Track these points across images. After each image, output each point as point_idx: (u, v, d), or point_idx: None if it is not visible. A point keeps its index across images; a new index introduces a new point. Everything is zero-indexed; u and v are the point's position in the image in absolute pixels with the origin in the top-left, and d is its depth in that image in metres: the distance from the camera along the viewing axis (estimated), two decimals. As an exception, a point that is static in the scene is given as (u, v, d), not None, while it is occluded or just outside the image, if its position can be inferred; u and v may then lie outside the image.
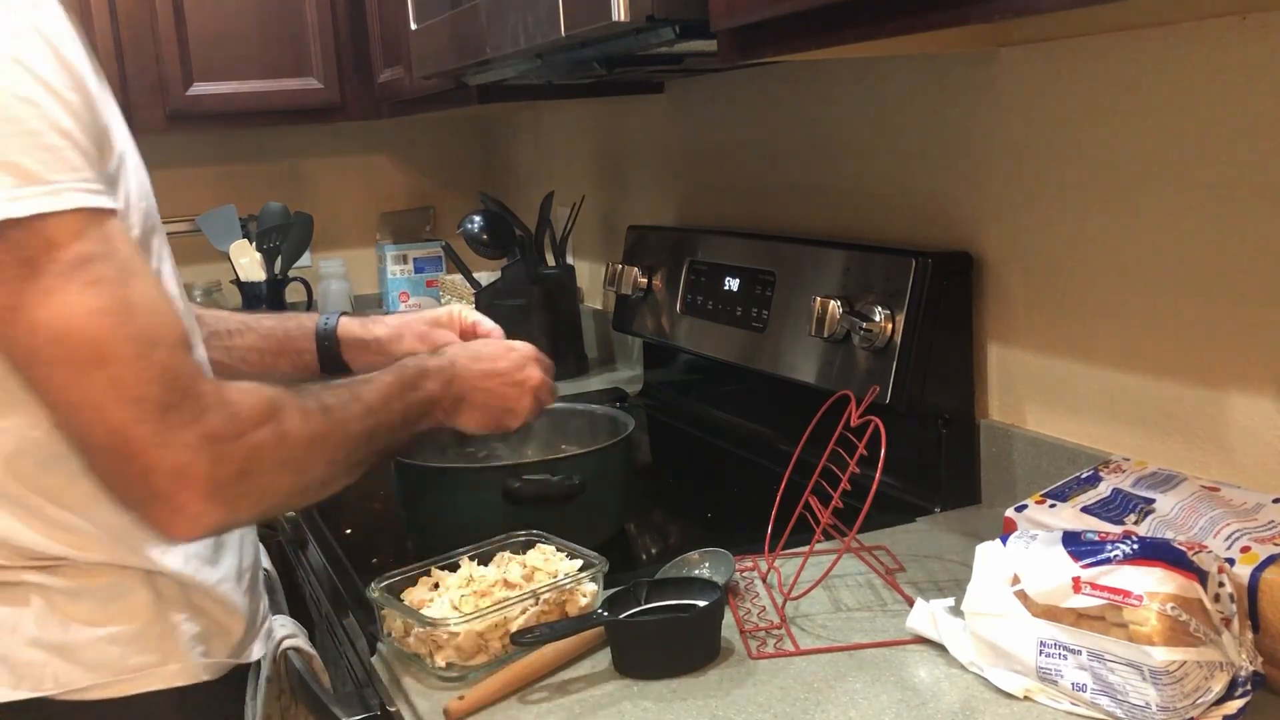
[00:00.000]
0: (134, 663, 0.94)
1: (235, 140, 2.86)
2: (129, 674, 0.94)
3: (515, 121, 2.94)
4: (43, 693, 0.91)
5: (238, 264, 2.67)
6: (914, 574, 1.20)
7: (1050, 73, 1.26)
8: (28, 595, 0.91)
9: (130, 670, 0.94)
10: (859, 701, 0.94)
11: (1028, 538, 0.94)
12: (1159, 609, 0.84)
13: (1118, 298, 1.22)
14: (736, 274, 1.71)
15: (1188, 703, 0.84)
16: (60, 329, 0.78)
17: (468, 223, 2.30)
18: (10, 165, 0.77)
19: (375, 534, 1.49)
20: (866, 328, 1.38)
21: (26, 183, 0.78)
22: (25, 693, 0.90)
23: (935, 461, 1.40)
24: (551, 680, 1.02)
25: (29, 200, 0.77)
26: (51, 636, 0.91)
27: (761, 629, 1.08)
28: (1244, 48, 1.05)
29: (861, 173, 1.59)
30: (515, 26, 1.36)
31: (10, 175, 0.77)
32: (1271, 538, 0.95)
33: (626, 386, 2.13)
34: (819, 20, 1.00)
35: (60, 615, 0.91)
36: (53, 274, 0.78)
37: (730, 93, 1.88)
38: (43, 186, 0.78)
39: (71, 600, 0.92)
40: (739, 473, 1.66)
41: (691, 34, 1.16)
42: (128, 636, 0.94)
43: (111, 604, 0.93)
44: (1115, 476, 1.12)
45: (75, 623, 0.92)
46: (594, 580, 1.12)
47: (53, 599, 0.91)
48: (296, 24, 2.53)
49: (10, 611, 0.90)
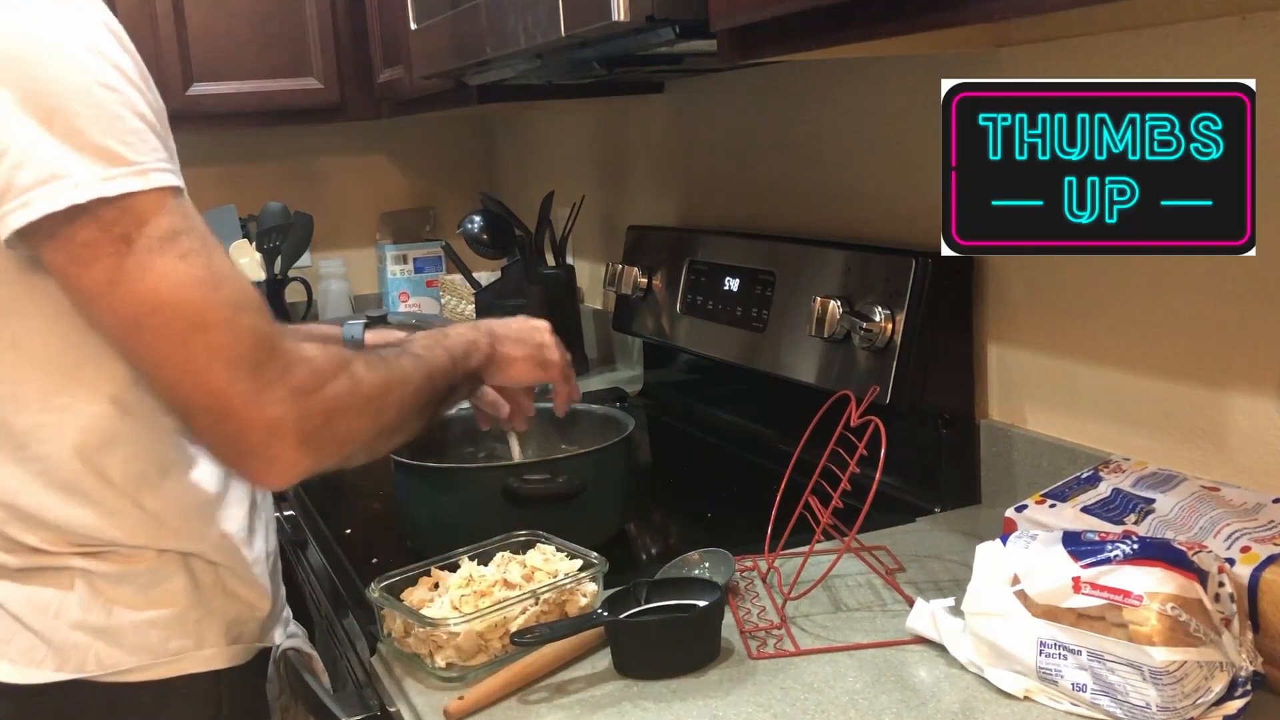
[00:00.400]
0: (173, 646, 0.98)
1: (235, 140, 2.86)
2: (168, 657, 0.98)
3: (515, 121, 2.94)
4: (85, 674, 0.95)
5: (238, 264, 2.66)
6: (914, 574, 1.20)
7: (1050, 73, 1.26)
8: (72, 579, 0.95)
9: (170, 654, 0.98)
10: (859, 701, 0.94)
11: (1028, 538, 0.94)
12: (1159, 609, 0.84)
13: (1118, 298, 1.22)
14: (736, 274, 1.71)
15: (1188, 703, 0.84)
16: (161, 299, 0.83)
17: (468, 223, 2.30)
18: (99, 148, 0.82)
19: (375, 534, 1.49)
20: (866, 328, 1.38)
21: (115, 164, 0.82)
22: (69, 674, 0.94)
23: (935, 461, 1.40)
24: (551, 680, 1.02)
25: (120, 180, 0.82)
26: (95, 620, 0.95)
27: (761, 629, 1.08)
28: (1244, 48, 1.05)
29: (862, 172, 1.59)
30: (515, 26, 1.36)
31: (100, 158, 0.82)
32: (1271, 538, 0.95)
33: (626, 386, 2.13)
34: (819, 20, 1.00)
35: (104, 599, 0.95)
36: (147, 249, 0.83)
37: (730, 93, 1.88)
38: (130, 167, 0.83)
39: (114, 585, 0.95)
40: (739, 473, 1.66)
41: (691, 34, 1.16)
42: (167, 620, 0.97)
43: (152, 589, 0.97)
44: (1115, 476, 1.12)
45: (118, 606, 0.95)
46: (594, 580, 1.12)
47: (95, 584, 0.95)
48: (296, 24, 2.53)
49: (55, 595, 0.94)
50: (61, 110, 0.82)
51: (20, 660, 0.94)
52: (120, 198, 0.82)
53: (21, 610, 0.94)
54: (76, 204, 0.81)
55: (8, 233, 0.82)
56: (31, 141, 0.81)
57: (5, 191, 0.81)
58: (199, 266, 0.84)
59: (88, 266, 0.82)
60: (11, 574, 0.95)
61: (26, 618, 0.94)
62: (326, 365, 0.90)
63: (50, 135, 0.81)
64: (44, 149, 0.81)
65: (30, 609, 0.94)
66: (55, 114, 0.81)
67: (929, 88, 1.43)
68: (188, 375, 0.84)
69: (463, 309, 2.63)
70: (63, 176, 0.81)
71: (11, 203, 0.81)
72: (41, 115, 0.81)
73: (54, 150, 0.81)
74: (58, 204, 0.80)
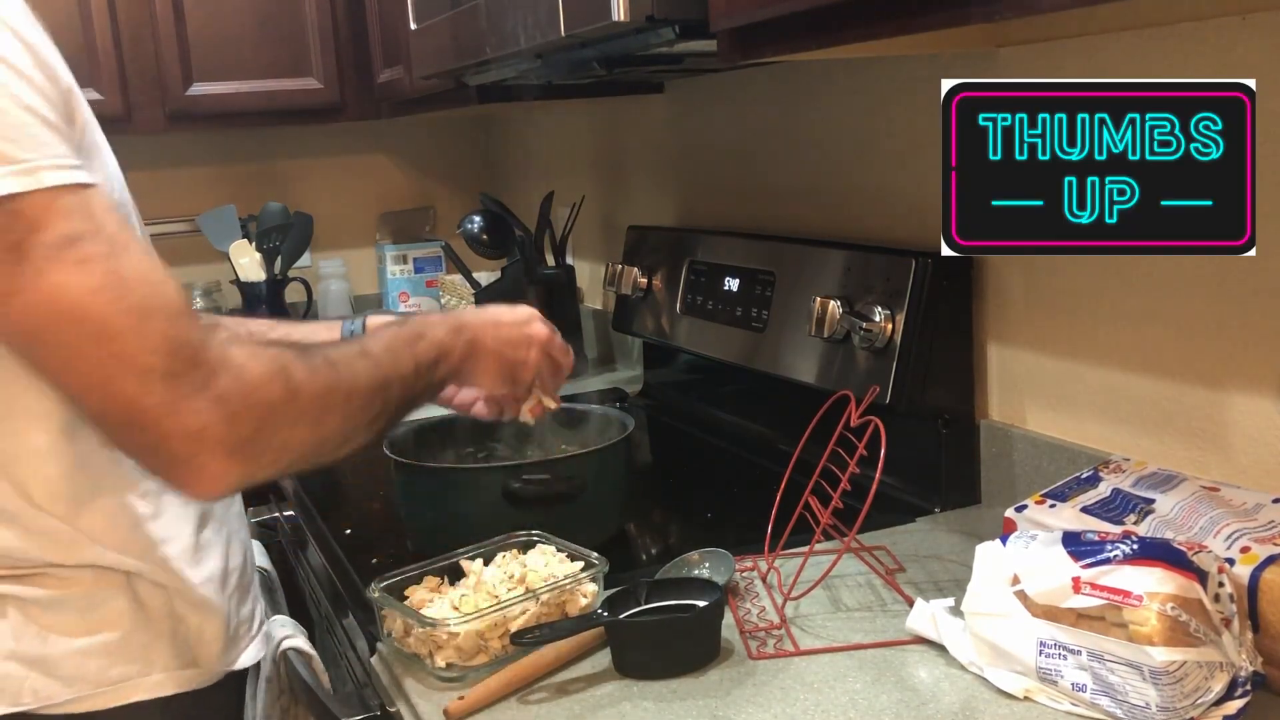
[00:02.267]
0: (115, 674, 0.93)
1: (235, 140, 2.86)
2: (109, 685, 0.92)
3: (515, 121, 2.94)
4: (21, 707, 0.90)
5: (238, 264, 2.67)
6: (914, 574, 1.20)
7: (1050, 73, 1.26)
8: (4, 608, 0.90)
9: (110, 682, 0.92)
10: (859, 701, 0.94)
11: (1028, 538, 0.94)
12: (1159, 609, 0.84)
13: (1118, 298, 1.22)
14: (736, 274, 1.71)
15: (1188, 703, 0.84)
16: (57, 310, 0.77)
17: (468, 223, 2.30)
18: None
19: (375, 534, 1.49)
20: (866, 328, 1.38)
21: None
22: (4, 708, 0.89)
23: (935, 461, 1.40)
24: (551, 680, 1.02)
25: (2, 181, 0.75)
26: (29, 649, 0.90)
27: (761, 629, 1.08)
28: (1244, 48, 1.05)
29: (861, 172, 1.59)
30: (515, 27, 1.36)
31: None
32: (1271, 538, 0.95)
33: (626, 386, 2.13)
34: (819, 20, 1.00)
35: (38, 627, 0.90)
36: (40, 256, 0.76)
37: (730, 93, 1.88)
38: (14, 166, 0.76)
39: (49, 611, 0.90)
40: (739, 473, 1.66)
41: (691, 34, 1.16)
42: (108, 647, 0.92)
43: (91, 613, 0.92)
44: (1115, 476, 1.12)
45: (54, 634, 0.90)
46: (594, 580, 1.12)
47: (29, 611, 0.90)
48: (296, 24, 2.53)
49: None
50: None
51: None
52: (5, 199, 0.75)
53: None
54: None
55: None
56: None
57: None
58: (99, 273, 0.78)
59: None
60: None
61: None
62: (258, 371, 0.84)
63: None
64: None
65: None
66: None
67: (929, 88, 1.44)
68: (95, 388, 0.79)
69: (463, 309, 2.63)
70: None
71: None
72: None
73: None
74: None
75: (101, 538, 0.91)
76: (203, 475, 0.81)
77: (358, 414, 0.93)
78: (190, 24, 2.45)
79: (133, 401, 0.79)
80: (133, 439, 0.82)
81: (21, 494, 0.88)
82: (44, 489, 0.89)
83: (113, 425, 0.81)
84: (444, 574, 1.14)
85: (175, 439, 0.80)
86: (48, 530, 0.89)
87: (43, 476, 0.88)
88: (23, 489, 0.88)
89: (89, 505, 0.90)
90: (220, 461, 0.81)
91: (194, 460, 0.81)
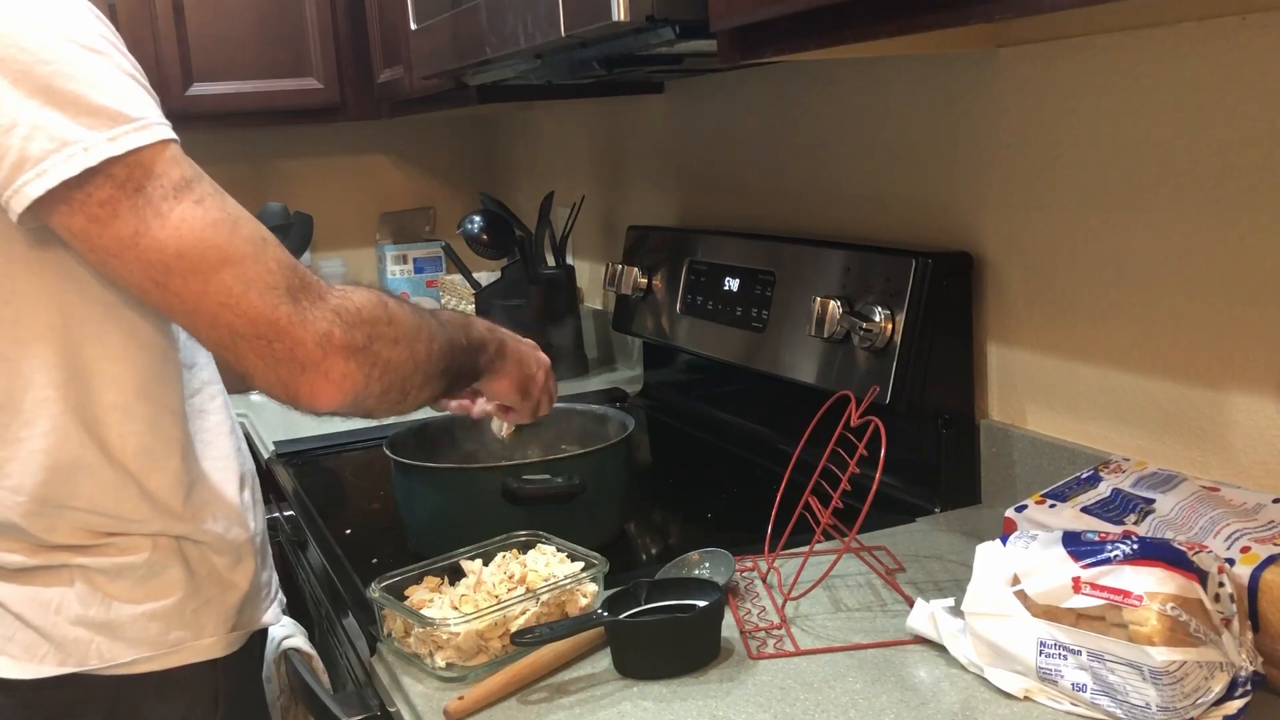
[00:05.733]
0: (173, 637, 1.00)
1: (235, 140, 2.86)
2: (168, 648, 1.00)
3: (515, 121, 2.94)
4: (87, 668, 0.96)
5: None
6: (914, 574, 1.20)
7: (1050, 73, 1.26)
8: (71, 577, 0.97)
9: (169, 645, 1.00)
10: (859, 701, 0.94)
11: (1028, 538, 0.94)
12: (1159, 609, 0.84)
13: (1118, 298, 1.22)
14: (736, 274, 1.71)
15: (1188, 703, 0.84)
16: (184, 243, 0.86)
17: (468, 223, 2.30)
18: (100, 109, 0.84)
19: (375, 534, 1.49)
20: (866, 328, 1.38)
21: (118, 123, 0.85)
22: (71, 668, 0.96)
23: (935, 461, 1.40)
24: (551, 680, 1.02)
25: (126, 138, 0.85)
26: (95, 615, 0.97)
27: (761, 629, 1.08)
28: (1244, 48, 1.05)
29: (861, 173, 1.59)
30: (515, 26, 1.36)
31: (102, 119, 0.84)
32: (1271, 538, 0.95)
33: (626, 386, 2.13)
34: (819, 20, 1.00)
35: (102, 595, 0.97)
36: (162, 198, 0.86)
37: (730, 93, 1.88)
38: (133, 123, 0.86)
39: (112, 580, 0.97)
40: (739, 473, 1.66)
41: (691, 34, 1.16)
42: (165, 612, 1.00)
43: (150, 581, 0.99)
44: (1115, 476, 1.12)
45: (117, 601, 0.98)
46: (594, 580, 1.12)
47: (94, 579, 0.97)
48: (296, 24, 2.53)
49: (55, 593, 0.96)
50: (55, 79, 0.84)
51: (22, 656, 0.95)
52: (129, 154, 0.85)
53: (22, 609, 0.95)
54: (89, 167, 0.83)
55: (27, 203, 0.84)
56: (34, 114, 0.83)
57: (20, 164, 0.83)
58: (215, 209, 0.87)
59: (108, 224, 0.85)
60: (10, 575, 0.96)
61: (28, 615, 0.95)
62: (361, 295, 0.94)
63: (50, 107, 0.83)
64: (47, 120, 0.83)
65: (31, 607, 0.95)
66: (50, 85, 0.84)
67: (929, 88, 1.44)
68: (226, 308, 0.87)
69: (463, 309, 2.63)
70: (72, 142, 0.83)
71: (28, 173, 0.83)
72: (37, 88, 0.84)
73: (57, 120, 0.83)
74: (72, 169, 0.83)
75: (166, 498, 0.99)
76: (330, 377, 0.90)
77: (437, 359, 1.01)
78: (190, 24, 2.45)
79: (264, 315, 0.87)
80: (267, 350, 0.88)
81: (101, 448, 0.95)
82: (120, 443, 0.96)
83: (245, 341, 0.88)
84: (444, 574, 1.14)
85: (308, 344, 0.88)
86: (120, 486, 0.96)
87: (118, 432, 0.96)
88: (103, 443, 0.95)
89: (159, 465, 0.98)
90: (345, 363, 0.90)
91: (323, 363, 0.89)
